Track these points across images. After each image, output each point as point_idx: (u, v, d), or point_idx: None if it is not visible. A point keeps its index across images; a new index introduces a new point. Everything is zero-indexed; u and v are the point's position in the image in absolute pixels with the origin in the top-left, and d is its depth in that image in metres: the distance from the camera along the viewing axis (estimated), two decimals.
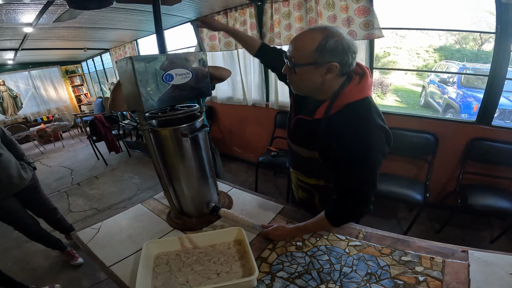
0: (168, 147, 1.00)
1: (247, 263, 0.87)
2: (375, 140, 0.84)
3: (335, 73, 0.83)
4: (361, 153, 0.84)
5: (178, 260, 0.91)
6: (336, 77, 0.85)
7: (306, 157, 1.01)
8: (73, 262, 2.16)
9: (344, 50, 0.80)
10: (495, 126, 2.13)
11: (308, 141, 0.97)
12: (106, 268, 0.96)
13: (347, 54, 0.81)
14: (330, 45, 0.79)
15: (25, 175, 1.87)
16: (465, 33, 7.04)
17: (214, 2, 2.91)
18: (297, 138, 1.03)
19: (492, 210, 1.97)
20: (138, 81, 0.81)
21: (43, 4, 2.39)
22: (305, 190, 1.16)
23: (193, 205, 1.13)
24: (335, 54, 0.80)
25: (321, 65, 0.82)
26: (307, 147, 0.99)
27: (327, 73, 0.84)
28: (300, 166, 1.13)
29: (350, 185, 0.89)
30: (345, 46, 0.80)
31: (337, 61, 0.81)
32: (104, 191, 3.53)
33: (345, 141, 0.84)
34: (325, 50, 0.80)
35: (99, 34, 4.23)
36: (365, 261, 0.88)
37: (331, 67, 0.82)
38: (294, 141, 1.06)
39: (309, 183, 1.11)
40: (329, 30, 0.81)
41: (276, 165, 2.98)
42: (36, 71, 7.00)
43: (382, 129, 0.85)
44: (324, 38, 0.79)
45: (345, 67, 0.83)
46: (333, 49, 0.79)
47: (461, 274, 0.80)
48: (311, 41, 0.81)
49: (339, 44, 0.79)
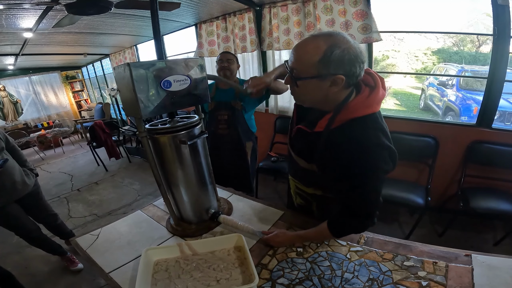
0: (167, 154, 1.00)
1: (247, 270, 0.86)
2: (376, 160, 0.78)
3: (341, 86, 0.76)
4: (361, 173, 0.79)
5: (178, 266, 0.90)
6: (341, 89, 0.78)
7: (305, 167, 0.98)
8: (72, 268, 2.15)
9: (351, 61, 0.72)
10: (496, 128, 2.12)
11: (306, 153, 0.93)
12: (105, 274, 0.95)
13: (354, 65, 0.73)
14: (335, 55, 0.71)
15: (28, 181, 1.88)
16: (462, 35, 7.08)
17: (213, 7, 2.94)
18: (297, 148, 0.99)
19: (495, 213, 1.95)
20: (135, 87, 0.81)
21: (43, 10, 2.41)
22: (303, 198, 1.14)
23: (193, 212, 1.12)
24: (341, 65, 0.72)
25: (325, 78, 0.74)
26: (305, 159, 0.95)
27: (331, 86, 0.76)
28: (299, 175, 1.10)
29: (352, 202, 0.84)
30: (353, 56, 0.72)
31: (343, 73, 0.73)
32: (104, 197, 3.52)
33: (347, 160, 0.78)
34: (330, 62, 0.72)
35: (99, 39, 4.26)
36: (367, 267, 0.87)
37: (337, 80, 0.74)
38: (294, 150, 1.02)
39: (307, 192, 1.09)
40: (334, 37, 0.73)
41: (276, 170, 2.97)
42: (36, 76, 7.03)
43: (386, 148, 0.79)
44: (329, 48, 0.71)
45: (352, 78, 0.76)
46: (339, 60, 0.71)
47: (464, 278, 0.79)
48: (314, 51, 0.73)
49: (345, 54, 0.71)
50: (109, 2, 1.74)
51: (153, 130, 0.98)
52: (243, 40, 3.08)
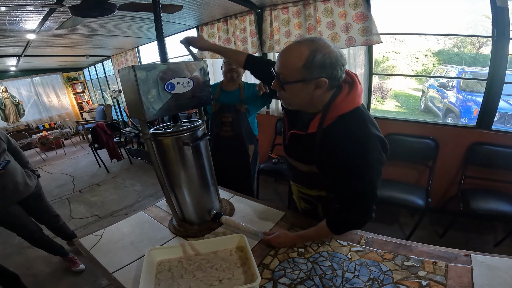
0: (170, 155, 1.01)
1: (249, 270, 0.87)
2: (372, 150, 0.82)
3: (324, 88, 0.81)
4: (358, 165, 0.82)
5: (181, 266, 0.91)
6: (325, 91, 0.83)
7: (305, 171, 1.00)
8: (74, 268, 2.16)
9: (332, 64, 0.78)
10: (495, 130, 2.14)
11: (305, 156, 0.96)
12: (109, 274, 0.96)
13: (335, 68, 0.78)
14: (318, 60, 0.76)
15: (30, 182, 1.90)
16: (463, 37, 7.09)
17: (214, 9, 2.96)
18: (294, 153, 1.02)
19: (495, 214, 1.96)
20: (140, 90, 0.82)
21: (46, 11, 2.44)
22: (308, 202, 1.14)
23: (195, 213, 1.14)
24: (323, 69, 0.77)
25: (309, 81, 0.80)
26: (304, 162, 0.98)
27: (316, 89, 0.81)
28: (300, 179, 1.11)
29: (350, 196, 0.87)
30: (333, 60, 0.77)
31: (325, 76, 0.78)
32: (105, 198, 3.53)
33: (342, 154, 0.82)
34: (313, 66, 0.77)
35: (101, 41, 4.29)
36: (367, 267, 0.88)
37: (320, 82, 0.79)
38: (291, 156, 1.04)
39: (311, 195, 1.10)
40: (316, 43, 0.78)
41: (277, 172, 2.98)
42: (38, 78, 7.06)
43: (376, 138, 0.84)
44: (311, 53, 0.76)
45: (334, 80, 0.81)
46: (321, 64, 0.77)
47: (464, 278, 0.80)
48: (298, 57, 0.78)
49: (327, 58, 0.76)
50: (113, 5, 1.76)
51: (158, 135, 0.99)
52: (244, 43, 3.10)
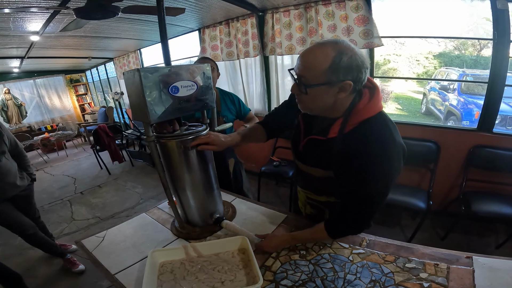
0: (174, 158, 1.01)
1: (251, 272, 0.87)
2: (394, 159, 0.80)
3: (348, 91, 0.79)
4: (378, 172, 0.80)
5: (183, 268, 0.91)
6: (348, 95, 0.81)
7: (319, 176, 0.97)
8: (74, 269, 2.17)
9: (358, 67, 0.76)
10: (496, 133, 2.14)
11: (322, 161, 0.93)
12: (111, 275, 0.96)
13: (361, 71, 0.76)
14: (344, 62, 0.74)
15: (20, 182, 1.94)
16: (464, 39, 7.10)
17: (216, 12, 2.99)
18: (310, 159, 0.98)
19: (496, 216, 1.97)
20: (145, 93, 0.83)
21: (50, 13, 2.46)
22: (314, 207, 1.13)
23: (198, 215, 1.14)
24: (349, 72, 0.75)
25: (334, 84, 0.77)
26: (322, 167, 0.94)
27: (340, 92, 0.79)
28: (311, 186, 1.09)
29: (359, 202, 0.85)
30: (359, 62, 0.75)
31: (351, 79, 0.76)
32: (107, 200, 3.54)
33: (364, 157, 0.80)
34: (339, 68, 0.74)
35: (104, 43, 4.32)
36: (369, 269, 0.89)
37: (345, 85, 0.77)
38: (306, 162, 1.00)
39: (319, 201, 1.09)
40: (341, 44, 0.76)
41: (278, 174, 2.99)
42: (41, 79, 7.10)
43: (400, 146, 0.81)
44: (337, 55, 0.74)
45: (358, 84, 0.79)
46: (347, 66, 0.74)
47: (466, 280, 0.80)
48: (323, 58, 0.75)
49: (353, 60, 0.74)
50: (116, 7, 1.77)
51: (161, 138, 0.99)
52: (246, 45, 3.12)
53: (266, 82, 3.26)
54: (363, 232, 1.01)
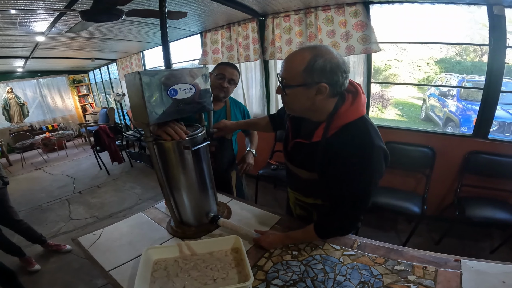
0: (171, 158, 1.03)
1: (243, 270, 0.89)
2: (374, 161, 0.83)
3: (325, 94, 0.82)
4: (358, 174, 0.83)
5: (176, 266, 0.93)
6: (327, 98, 0.84)
7: (306, 178, 1.01)
8: (30, 268, 2.21)
9: (332, 70, 0.78)
10: (492, 139, 2.16)
11: (307, 163, 0.97)
12: (106, 272, 0.98)
13: (336, 74, 0.79)
14: (318, 64, 0.77)
15: None
16: (465, 45, 7.13)
17: (218, 16, 3.03)
18: (296, 160, 1.03)
19: (490, 222, 2.00)
20: (144, 94, 0.86)
21: (56, 15, 2.50)
22: (303, 208, 1.17)
23: (193, 215, 1.16)
24: (323, 74, 0.78)
25: (310, 86, 0.80)
26: (306, 168, 0.99)
27: (317, 94, 0.82)
28: (299, 187, 1.14)
29: (343, 203, 0.88)
30: (334, 65, 0.78)
31: (326, 81, 0.79)
32: (105, 200, 3.56)
33: (344, 161, 0.83)
34: (313, 70, 0.78)
35: (107, 44, 4.37)
36: (359, 270, 0.90)
37: (321, 88, 0.80)
38: (293, 163, 1.05)
39: (307, 202, 1.12)
40: (318, 49, 0.79)
41: (276, 178, 3.00)
42: (44, 79, 7.16)
43: (380, 149, 0.84)
44: (312, 58, 0.78)
45: (336, 87, 0.81)
46: (321, 69, 0.77)
47: (453, 282, 0.81)
48: (300, 61, 0.80)
49: (327, 63, 0.77)
50: (121, 10, 1.81)
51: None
52: (247, 49, 3.15)
53: (265, 86, 3.30)
54: (350, 233, 1.03)
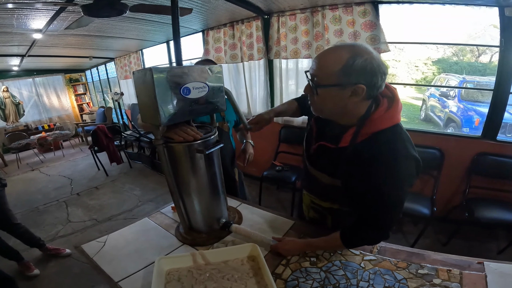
0: (182, 162, 0.98)
1: (262, 280, 0.84)
2: (405, 173, 0.77)
3: (361, 96, 0.76)
4: (389, 186, 0.77)
5: (190, 276, 0.88)
6: (361, 100, 0.78)
7: (326, 182, 0.95)
8: (28, 273, 2.15)
9: (373, 71, 0.72)
10: (500, 140, 2.15)
11: (331, 169, 0.91)
12: (114, 283, 0.92)
13: (376, 75, 0.73)
14: (357, 64, 0.71)
15: None
16: (462, 46, 7.18)
17: (221, 14, 2.97)
18: (319, 164, 0.97)
19: (499, 223, 1.98)
20: (156, 93, 0.79)
21: (55, 11, 2.41)
22: (318, 212, 1.12)
23: (204, 221, 1.11)
24: (362, 75, 0.72)
25: (346, 86, 0.74)
26: (329, 174, 0.92)
27: (352, 96, 0.76)
28: (318, 190, 1.08)
29: (373, 216, 0.83)
30: (375, 66, 0.72)
31: (364, 83, 0.73)
32: (104, 202, 3.48)
33: (374, 173, 0.78)
34: (352, 70, 0.72)
35: (106, 43, 4.29)
36: (382, 275, 0.87)
37: (357, 89, 0.74)
38: (315, 167, 0.99)
39: (323, 206, 1.08)
40: (357, 47, 0.74)
41: (280, 179, 2.96)
42: (40, 78, 7.04)
43: (414, 160, 0.78)
44: (351, 57, 0.72)
45: (373, 89, 0.75)
46: (360, 69, 0.72)
47: (479, 285, 0.81)
48: (336, 60, 0.74)
49: (368, 63, 0.71)
50: (125, 5, 1.74)
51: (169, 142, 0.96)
52: (250, 48, 3.10)
53: (269, 86, 3.23)
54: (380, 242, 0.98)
